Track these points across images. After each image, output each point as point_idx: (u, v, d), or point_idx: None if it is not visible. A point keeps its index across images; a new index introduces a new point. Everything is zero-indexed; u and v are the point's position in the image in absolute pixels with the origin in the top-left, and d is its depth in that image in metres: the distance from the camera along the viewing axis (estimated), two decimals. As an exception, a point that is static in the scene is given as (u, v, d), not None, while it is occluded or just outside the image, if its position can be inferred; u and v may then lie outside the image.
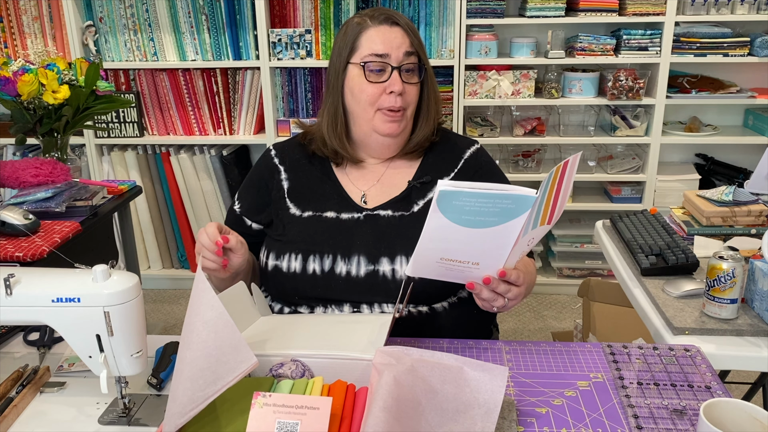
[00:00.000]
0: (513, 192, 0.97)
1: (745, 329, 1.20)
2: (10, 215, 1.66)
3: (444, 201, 0.98)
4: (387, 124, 1.32)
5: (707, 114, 3.01)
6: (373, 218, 1.32)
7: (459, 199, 0.97)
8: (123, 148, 3.04)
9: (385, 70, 1.30)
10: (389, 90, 1.30)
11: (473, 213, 0.99)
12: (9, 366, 1.14)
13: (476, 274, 1.09)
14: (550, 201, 1.00)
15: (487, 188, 0.97)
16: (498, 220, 1.00)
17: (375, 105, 1.31)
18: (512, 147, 2.96)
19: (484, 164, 1.41)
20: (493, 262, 1.07)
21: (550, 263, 3.10)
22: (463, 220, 1.00)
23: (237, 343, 0.90)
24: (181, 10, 2.84)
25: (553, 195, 1.00)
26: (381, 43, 1.30)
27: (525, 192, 0.98)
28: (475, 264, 1.07)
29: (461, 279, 1.11)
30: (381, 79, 1.30)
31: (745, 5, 2.68)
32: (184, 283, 3.21)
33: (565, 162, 0.99)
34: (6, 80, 1.85)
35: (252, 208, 1.42)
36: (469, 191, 0.97)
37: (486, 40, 2.77)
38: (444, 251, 1.05)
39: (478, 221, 1.00)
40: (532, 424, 0.95)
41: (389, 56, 1.30)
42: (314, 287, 1.27)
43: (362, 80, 1.31)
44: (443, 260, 1.06)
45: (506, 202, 0.98)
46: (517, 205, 0.98)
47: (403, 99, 1.31)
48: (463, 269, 1.08)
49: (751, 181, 1.58)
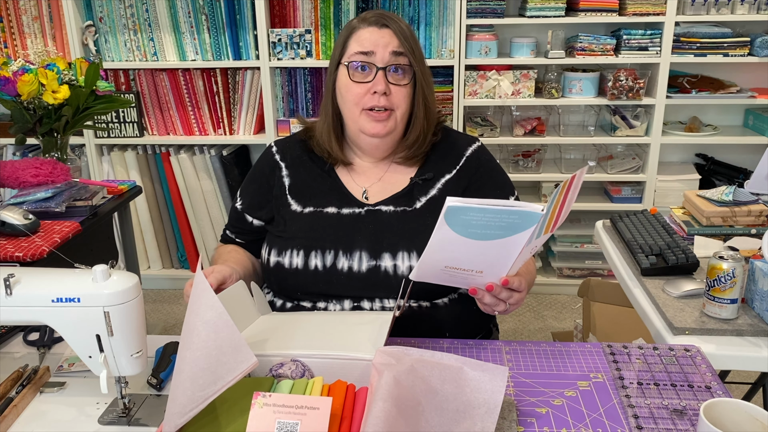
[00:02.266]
0: (520, 208, 0.98)
1: (745, 329, 1.20)
2: (10, 215, 1.66)
3: (452, 215, 0.99)
4: (371, 123, 1.32)
5: (707, 114, 3.01)
6: (374, 214, 1.32)
7: (467, 214, 0.98)
8: (123, 148, 3.04)
9: (370, 69, 1.30)
10: (373, 90, 1.29)
11: (480, 227, 1.00)
12: (9, 366, 1.14)
13: (479, 280, 1.11)
14: (555, 212, 1.02)
15: (494, 204, 0.98)
16: (504, 234, 1.01)
17: (360, 105, 1.31)
18: (512, 147, 2.96)
19: (484, 162, 1.42)
20: (496, 270, 1.09)
21: (550, 263, 3.10)
22: (470, 233, 1.01)
23: (237, 343, 0.90)
24: (181, 10, 2.83)
25: (558, 206, 1.02)
26: (367, 42, 1.30)
27: (532, 208, 0.98)
28: (478, 272, 1.08)
29: (464, 284, 1.13)
30: (366, 79, 1.30)
31: (745, 5, 2.67)
32: (184, 283, 3.18)
33: (572, 176, 1.01)
34: (6, 80, 1.85)
35: (253, 204, 1.42)
36: (478, 207, 0.98)
37: (486, 40, 2.77)
38: (449, 260, 1.06)
39: (485, 234, 1.01)
40: (532, 424, 0.95)
41: (374, 55, 1.29)
42: (316, 283, 1.28)
43: (348, 80, 1.31)
44: (448, 268, 1.08)
45: (513, 217, 0.99)
46: (524, 220, 0.99)
47: (388, 99, 1.30)
48: (466, 276, 1.10)
49: (751, 181, 1.58)
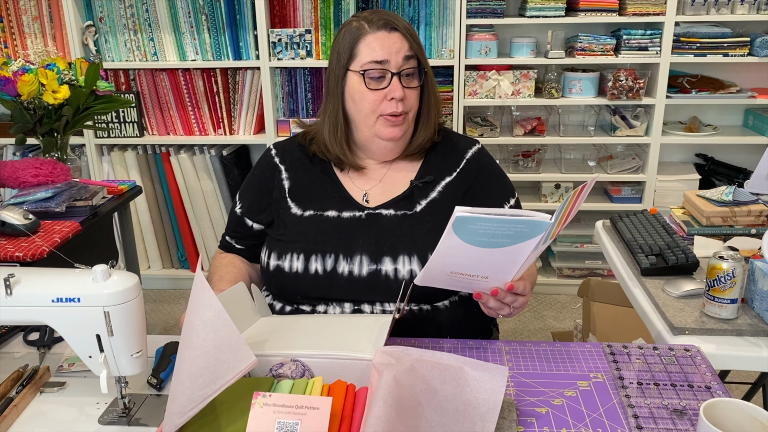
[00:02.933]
0: (528, 218, 0.99)
1: (745, 329, 1.20)
2: (10, 215, 1.66)
3: (459, 225, 0.99)
4: (389, 128, 1.32)
5: (707, 114, 3.01)
6: (375, 217, 1.32)
7: (474, 224, 0.99)
8: (123, 148, 3.04)
9: (384, 76, 1.29)
10: (390, 96, 1.29)
11: (487, 236, 1.00)
12: (9, 366, 1.14)
13: (484, 285, 1.11)
14: (562, 220, 1.03)
15: (502, 214, 0.99)
16: (511, 242, 1.02)
17: (377, 112, 1.31)
18: (512, 147, 2.96)
19: (485, 165, 1.41)
20: (502, 276, 1.10)
21: (550, 263, 3.10)
22: (477, 241, 1.01)
23: (236, 343, 0.90)
24: (181, 10, 2.83)
25: (566, 215, 1.03)
26: (380, 50, 1.28)
27: (540, 218, 0.99)
28: (484, 277, 1.09)
29: (469, 289, 1.14)
30: (381, 86, 1.30)
31: (745, 5, 2.67)
32: (184, 283, 3.21)
33: (582, 185, 1.01)
34: (6, 80, 1.85)
35: (253, 208, 1.41)
36: (486, 217, 0.98)
37: (486, 40, 2.77)
38: (455, 266, 1.07)
39: (492, 242, 1.02)
40: (532, 424, 0.95)
41: (388, 62, 1.29)
42: (316, 287, 1.27)
43: (363, 88, 1.30)
44: (453, 273, 1.09)
45: (521, 226, 0.99)
46: (531, 229, 1.00)
47: (403, 104, 1.31)
48: (471, 281, 1.11)
49: (751, 181, 1.57)
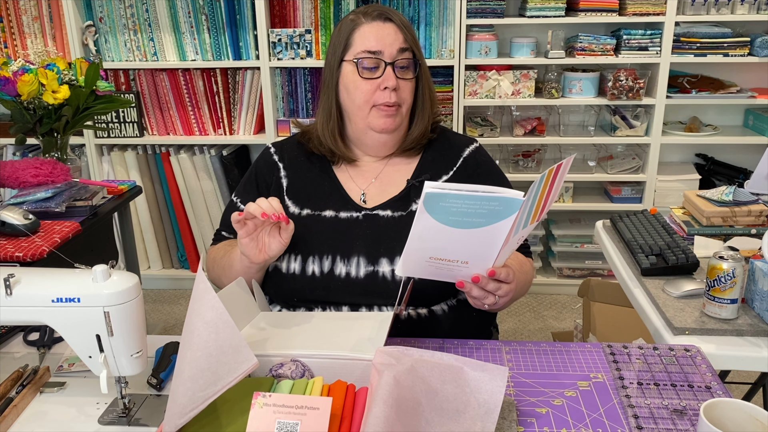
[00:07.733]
0: (500, 195, 0.96)
1: (745, 329, 1.20)
2: (10, 215, 1.66)
3: (431, 202, 0.97)
4: (382, 119, 1.32)
5: (707, 114, 3.01)
6: (372, 218, 1.32)
7: (446, 201, 0.97)
8: (123, 148, 3.04)
9: (378, 66, 1.30)
10: (383, 86, 1.30)
11: (460, 214, 0.98)
12: (9, 366, 1.14)
13: (466, 272, 1.09)
14: (541, 201, 1.00)
15: (473, 190, 0.96)
16: (485, 222, 0.99)
17: (370, 102, 1.31)
18: (512, 147, 2.96)
19: (482, 163, 1.41)
20: (482, 261, 1.07)
21: (550, 263, 3.10)
22: (451, 221, 0.99)
23: (237, 344, 0.90)
24: (181, 10, 2.83)
25: (544, 196, 1.00)
26: (374, 40, 1.30)
27: (512, 194, 0.96)
28: (464, 263, 1.06)
29: (451, 278, 1.11)
30: (375, 76, 1.30)
31: (745, 5, 2.68)
32: (184, 283, 3.21)
33: (558, 164, 0.99)
34: (6, 80, 1.85)
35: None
36: (456, 193, 0.96)
37: (486, 40, 2.77)
38: (433, 250, 1.04)
39: (466, 222, 0.99)
40: (532, 424, 0.95)
41: (382, 52, 1.29)
42: (313, 289, 1.27)
43: (356, 77, 1.31)
44: (432, 259, 1.06)
45: (493, 204, 0.97)
46: (505, 207, 0.97)
47: (397, 95, 1.31)
48: (452, 268, 1.08)
49: (751, 181, 1.58)
